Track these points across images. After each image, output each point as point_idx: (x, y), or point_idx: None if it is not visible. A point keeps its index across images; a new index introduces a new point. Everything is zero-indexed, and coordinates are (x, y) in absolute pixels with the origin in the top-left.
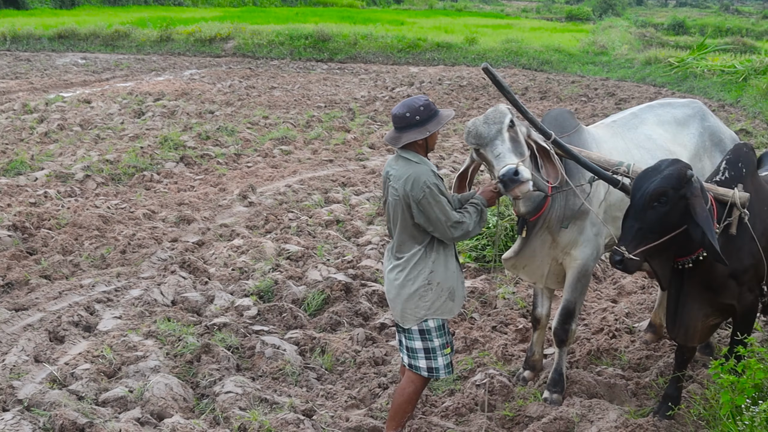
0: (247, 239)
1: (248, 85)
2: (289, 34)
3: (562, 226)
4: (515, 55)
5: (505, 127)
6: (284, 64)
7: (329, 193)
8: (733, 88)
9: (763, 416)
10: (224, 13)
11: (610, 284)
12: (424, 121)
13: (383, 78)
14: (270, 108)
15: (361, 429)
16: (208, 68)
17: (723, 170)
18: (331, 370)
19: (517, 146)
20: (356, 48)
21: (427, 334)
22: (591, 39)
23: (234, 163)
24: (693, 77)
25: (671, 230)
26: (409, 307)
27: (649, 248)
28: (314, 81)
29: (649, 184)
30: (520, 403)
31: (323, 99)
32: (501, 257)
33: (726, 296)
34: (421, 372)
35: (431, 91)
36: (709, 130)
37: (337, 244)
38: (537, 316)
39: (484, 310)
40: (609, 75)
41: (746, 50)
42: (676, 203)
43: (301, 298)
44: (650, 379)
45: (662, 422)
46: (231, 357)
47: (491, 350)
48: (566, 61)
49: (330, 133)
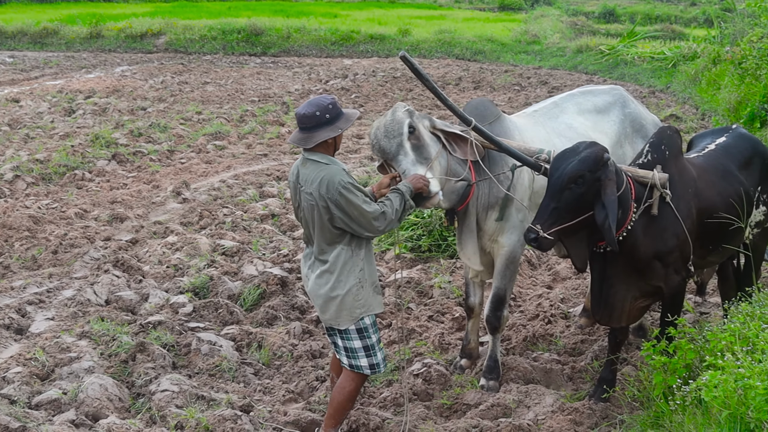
0: (182, 236)
1: (181, 81)
2: (221, 28)
3: (495, 219)
4: (448, 46)
5: (405, 138)
6: (217, 59)
7: (264, 187)
8: (662, 75)
9: (694, 395)
10: (155, 9)
11: (545, 270)
12: (334, 120)
13: (317, 71)
14: (203, 103)
15: (299, 423)
16: (140, 64)
17: (646, 153)
18: (268, 364)
19: (421, 152)
20: (289, 41)
21: (365, 332)
22: (523, 28)
23: (167, 160)
24: (624, 64)
25: (585, 211)
26: (344, 308)
27: (564, 228)
28: (248, 75)
29: (567, 165)
30: (457, 391)
31: (257, 93)
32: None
33: (652, 278)
34: (364, 370)
35: (365, 83)
36: (630, 117)
37: (273, 238)
38: (470, 305)
39: (420, 300)
40: (541, 64)
41: (675, 37)
42: (591, 185)
43: (237, 294)
44: (585, 363)
45: (598, 405)
46: (167, 355)
47: (428, 339)
48: (499, 50)
49: (264, 128)
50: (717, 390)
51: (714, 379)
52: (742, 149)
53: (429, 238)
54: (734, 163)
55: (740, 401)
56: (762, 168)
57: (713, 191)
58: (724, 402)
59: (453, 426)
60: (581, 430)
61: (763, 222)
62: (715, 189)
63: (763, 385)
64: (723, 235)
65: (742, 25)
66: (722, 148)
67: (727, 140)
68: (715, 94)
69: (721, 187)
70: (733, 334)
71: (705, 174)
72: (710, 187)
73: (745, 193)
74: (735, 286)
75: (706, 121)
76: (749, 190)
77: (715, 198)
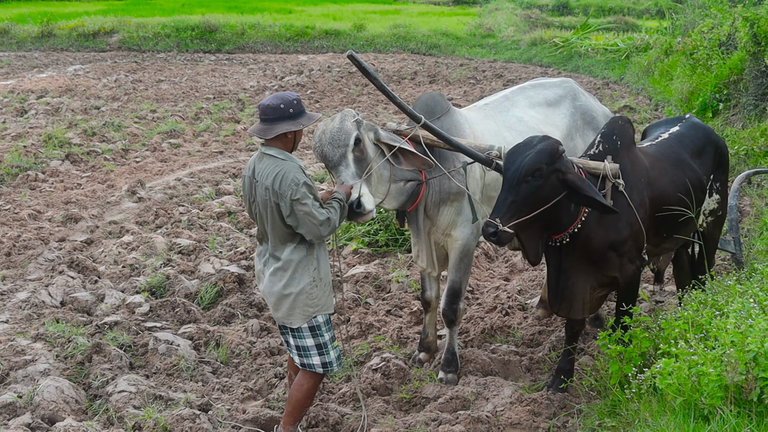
0: (137, 235)
1: (135, 79)
2: (175, 25)
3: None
4: (404, 40)
5: (349, 150)
6: (171, 57)
7: (220, 184)
8: (616, 66)
9: (649, 383)
10: (108, 7)
11: (502, 263)
12: (297, 115)
13: (272, 67)
14: (158, 101)
15: (258, 420)
16: (93, 63)
17: (597, 143)
18: (226, 363)
19: (362, 166)
20: (244, 38)
21: (318, 330)
22: (478, 22)
23: (122, 159)
24: (578, 56)
25: (543, 204)
26: (297, 306)
27: (522, 221)
28: (202, 72)
29: (523, 158)
30: (416, 385)
31: (212, 90)
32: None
33: (607, 268)
34: (316, 369)
35: (321, 78)
36: (581, 110)
37: (230, 235)
38: (427, 299)
39: (378, 295)
40: (496, 57)
41: (628, 29)
42: (548, 178)
43: (194, 292)
44: (543, 354)
45: (556, 395)
46: (123, 355)
47: (386, 334)
48: (454, 44)
49: (219, 125)
50: (671, 378)
51: (668, 367)
52: (694, 138)
53: (386, 232)
54: (687, 152)
55: (694, 388)
56: (715, 157)
57: (666, 180)
58: (679, 389)
59: (412, 420)
60: (539, 420)
61: (717, 210)
62: (667, 177)
63: (716, 371)
64: (676, 223)
65: (693, 16)
66: (675, 137)
67: (681, 129)
68: (667, 85)
69: (673, 176)
70: (687, 322)
71: (657, 163)
72: (663, 175)
73: (698, 181)
74: (690, 275)
75: (660, 111)
76: (702, 178)
77: (668, 186)
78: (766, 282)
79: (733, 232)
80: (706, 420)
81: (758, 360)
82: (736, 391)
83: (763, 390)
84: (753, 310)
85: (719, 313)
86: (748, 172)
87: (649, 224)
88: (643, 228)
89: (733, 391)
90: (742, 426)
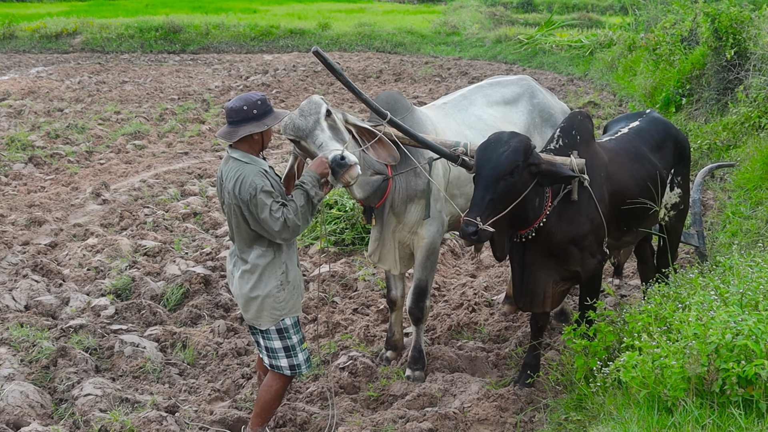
0: (102, 238)
1: (98, 81)
2: (138, 26)
3: (423, 217)
4: (369, 39)
5: (322, 117)
6: (135, 58)
7: (185, 185)
8: (580, 62)
9: (613, 377)
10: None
11: (468, 260)
12: (261, 116)
13: (237, 67)
14: (122, 103)
15: (226, 421)
16: (56, 65)
17: (557, 138)
18: (193, 364)
19: (337, 133)
20: (208, 38)
21: (285, 332)
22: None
23: (86, 161)
24: (542, 53)
25: (516, 199)
26: (265, 309)
27: (499, 218)
28: (167, 73)
29: (500, 156)
30: (383, 383)
31: (176, 91)
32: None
33: (569, 263)
34: (284, 371)
35: (286, 78)
36: (539, 107)
37: (195, 236)
38: (392, 298)
39: (345, 294)
40: (461, 54)
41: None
42: (522, 173)
43: (160, 294)
44: (510, 350)
45: (522, 390)
46: (89, 359)
47: (354, 332)
48: (419, 42)
49: (184, 126)
50: (635, 371)
51: (632, 360)
52: (654, 133)
53: (352, 231)
54: (646, 146)
55: (657, 380)
56: (675, 151)
57: (625, 174)
58: (642, 382)
59: (380, 417)
60: (506, 415)
61: (679, 204)
62: (627, 172)
63: (679, 363)
64: (637, 217)
65: (655, 12)
66: (635, 132)
67: (641, 124)
68: (631, 80)
69: (633, 170)
70: (650, 315)
71: (617, 157)
72: (622, 170)
73: (658, 175)
74: (653, 268)
75: (624, 106)
76: (661, 172)
77: (628, 180)
78: (727, 274)
79: (697, 226)
80: (670, 412)
81: (720, 351)
82: (698, 383)
83: (725, 381)
84: (714, 302)
85: (682, 306)
86: (711, 166)
87: (609, 218)
88: (605, 222)
89: (696, 382)
90: (704, 417)
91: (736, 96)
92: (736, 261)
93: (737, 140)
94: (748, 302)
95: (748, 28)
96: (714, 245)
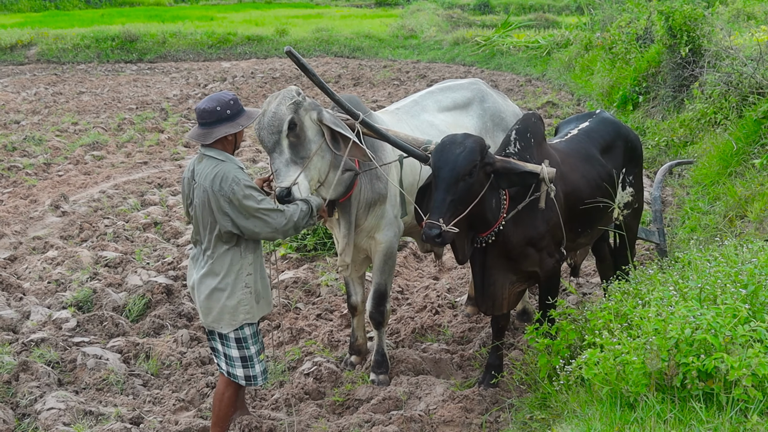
0: (62, 250)
1: (55, 92)
2: (94, 36)
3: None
4: (327, 44)
5: (283, 136)
6: (92, 68)
7: (145, 195)
8: (538, 63)
9: (576, 374)
10: (25, 19)
11: (430, 262)
12: (234, 116)
13: (195, 75)
14: (79, 113)
15: (191, 431)
16: (11, 77)
17: (513, 141)
18: (157, 374)
19: (298, 151)
20: (165, 47)
21: (244, 342)
22: (400, 23)
23: (44, 173)
24: (500, 54)
25: (474, 199)
26: (226, 312)
27: (460, 219)
28: (124, 83)
29: (457, 158)
30: (348, 388)
31: (134, 101)
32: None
33: (527, 264)
34: (239, 380)
35: (245, 84)
36: (490, 111)
37: (157, 246)
38: (353, 303)
39: (308, 299)
40: (419, 57)
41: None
42: (479, 173)
43: (122, 305)
44: (474, 351)
45: (487, 391)
46: (51, 372)
47: (317, 338)
48: (377, 46)
49: (143, 135)
50: (597, 367)
51: (593, 357)
52: (604, 133)
53: (314, 236)
54: (596, 147)
55: (619, 377)
56: (625, 151)
57: (577, 175)
58: (605, 378)
59: (345, 422)
60: (472, 416)
61: (632, 203)
62: (578, 173)
63: (640, 359)
64: (591, 217)
65: (610, 11)
66: (584, 133)
67: (590, 125)
68: (588, 80)
69: (584, 171)
70: (611, 312)
71: (568, 159)
72: (574, 171)
73: (608, 175)
74: (612, 266)
75: (582, 106)
76: (611, 172)
77: (580, 181)
78: (686, 269)
79: (657, 223)
80: (632, 407)
81: (680, 346)
82: (659, 378)
83: (685, 375)
84: (673, 297)
85: (642, 303)
86: (670, 163)
87: (565, 219)
88: (561, 222)
89: (657, 377)
90: (666, 411)
91: (691, 93)
92: (694, 256)
93: (694, 136)
94: (707, 296)
95: (702, 26)
96: (674, 241)
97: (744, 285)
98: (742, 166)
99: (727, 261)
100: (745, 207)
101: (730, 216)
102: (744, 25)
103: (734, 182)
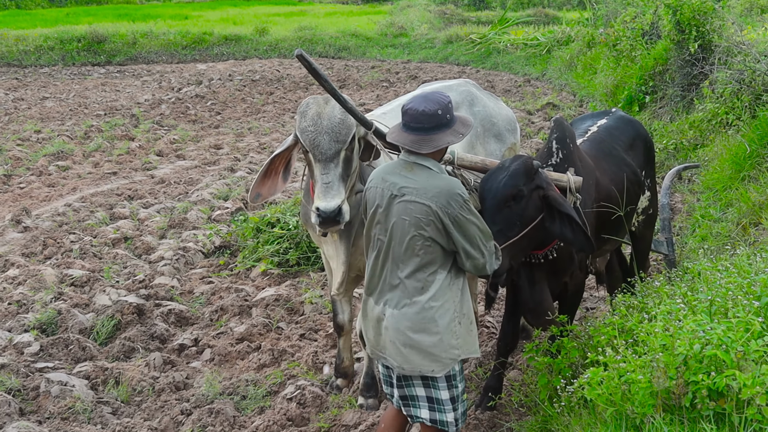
0: (24, 268)
1: (16, 98)
2: (59, 37)
3: None
4: (310, 43)
5: (345, 147)
6: (56, 71)
7: (114, 208)
8: (537, 61)
9: (579, 395)
10: None
11: None
12: (452, 122)
13: (168, 78)
14: (42, 121)
15: None
16: None
17: (556, 151)
18: (127, 401)
19: (348, 168)
20: (136, 48)
21: (453, 380)
22: (389, 20)
23: (4, 186)
24: (497, 53)
25: (528, 224)
26: (440, 349)
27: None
28: (91, 87)
29: (498, 184)
30: (335, 413)
31: (102, 106)
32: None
33: (564, 275)
34: (449, 428)
35: (222, 88)
36: (479, 116)
37: (127, 263)
38: (339, 323)
39: (291, 318)
40: (410, 57)
41: (548, 21)
42: (530, 196)
43: (89, 327)
44: (470, 372)
45: (484, 414)
46: (12, 401)
47: (301, 360)
48: (365, 45)
49: (112, 143)
50: (601, 387)
51: (597, 377)
52: (624, 131)
53: (297, 251)
54: (620, 146)
55: (624, 397)
56: (644, 151)
57: (608, 179)
58: (609, 399)
59: None
60: None
61: (648, 208)
62: (608, 176)
63: (646, 378)
64: (617, 223)
65: (614, 5)
66: (605, 131)
67: (609, 122)
68: (591, 79)
69: (613, 174)
70: (615, 328)
71: (599, 162)
72: (605, 174)
73: (634, 175)
74: (620, 278)
75: (584, 107)
76: (637, 172)
77: (610, 186)
78: (696, 281)
79: (666, 233)
80: (638, 429)
81: (688, 363)
82: (667, 398)
83: (695, 394)
84: (682, 311)
85: (648, 317)
86: (678, 167)
87: (596, 227)
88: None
89: (664, 397)
90: None
91: (701, 92)
92: (704, 266)
93: (704, 139)
94: (717, 310)
95: (712, 20)
96: (684, 251)
97: (757, 297)
98: (756, 170)
99: (739, 271)
100: (759, 213)
101: (744, 223)
102: (757, 19)
103: (747, 187)
